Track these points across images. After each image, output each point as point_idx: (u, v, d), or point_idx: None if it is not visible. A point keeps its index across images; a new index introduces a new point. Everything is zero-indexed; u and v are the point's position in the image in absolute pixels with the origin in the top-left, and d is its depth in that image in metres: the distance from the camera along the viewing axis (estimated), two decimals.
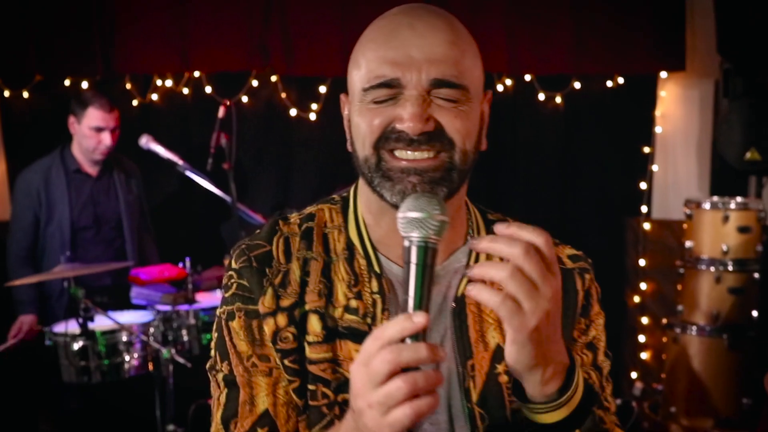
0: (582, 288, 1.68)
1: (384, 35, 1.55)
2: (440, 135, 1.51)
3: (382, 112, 1.52)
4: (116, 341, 4.33)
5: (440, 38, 1.52)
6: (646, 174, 5.94)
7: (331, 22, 5.62)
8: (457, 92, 1.51)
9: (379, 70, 1.52)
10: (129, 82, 5.85)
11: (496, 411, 1.57)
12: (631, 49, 5.68)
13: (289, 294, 1.60)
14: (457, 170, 1.53)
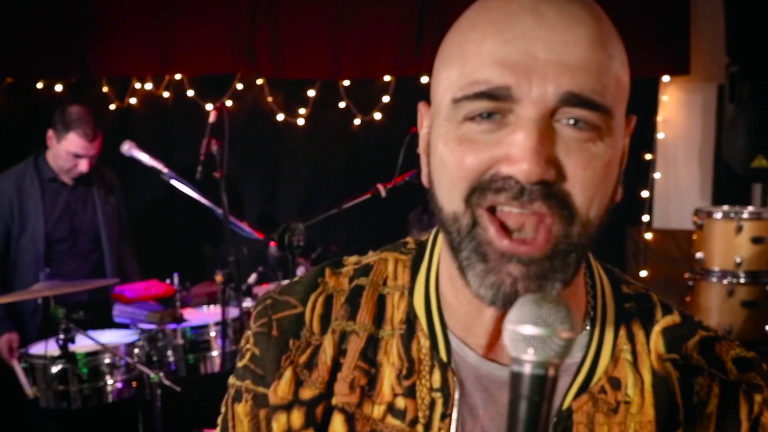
0: (748, 416, 1.17)
1: (494, 23, 1.05)
2: (560, 193, 1.03)
3: (481, 146, 1.04)
4: (98, 363, 4.12)
5: (581, 33, 1.04)
6: (648, 182, 5.81)
7: (321, 24, 5.61)
8: (597, 117, 1.04)
9: (481, 72, 1.03)
10: (106, 86, 5.86)
11: None
12: (633, 52, 5.28)
13: (314, 381, 1.19)
14: (577, 250, 1.06)
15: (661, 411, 1.13)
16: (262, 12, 5.58)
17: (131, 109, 5.85)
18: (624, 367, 1.16)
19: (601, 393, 1.13)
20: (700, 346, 1.19)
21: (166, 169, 4.54)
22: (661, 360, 1.17)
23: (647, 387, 1.15)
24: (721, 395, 1.15)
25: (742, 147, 5.14)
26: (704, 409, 1.15)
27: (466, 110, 1.04)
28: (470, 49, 1.06)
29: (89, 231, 4.84)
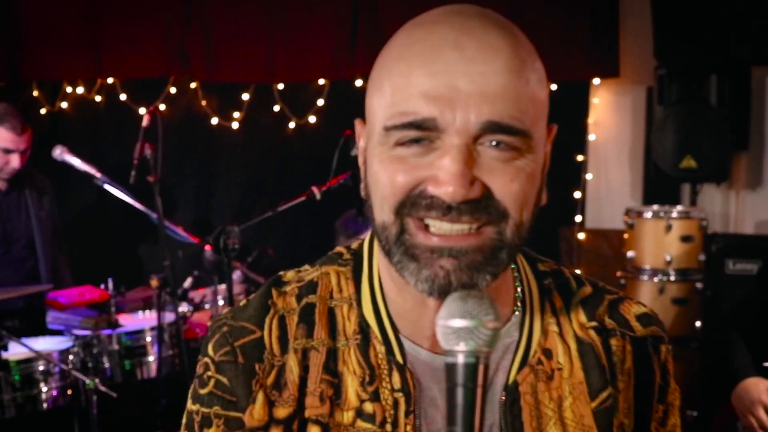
0: (658, 366, 1.34)
1: (419, 54, 1.14)
2: (488, 204, 1.13)
3: (409, 167, 1.14)
4: (32, 371, 4.09)
5: (499, 64, 1.13)
6: (580, 183, 5.93)
7: (255, 27, 5.68)
8: (517, 140, 1.13)
9: (409, 104, 1.13)
10: (36, 89, 5.91)
11: None
12: (564, 55, 5.66)
13: (286, 400, 1.25)
14: (507, 248, 1.15)
15: (589, 373, 1.28)
16: (195, 15, 5.63)
17: (62, 114, 5.89)
18: (553, 339, 1.29)
19: (539, 364, 1.26)
20: (609, 310, 1.33)
21: (98, 173, 4.53)
22: (584, 328, 1.31)
23: (574, 353, 1.28)
24: (634, 351, 1.30)
25: (670, 148, 5.28)
26: (623, 366, 1.30)
27: (396, 137, 1.13)
28: (398, 81, 1.14)
29: (23, 237, 4.80)
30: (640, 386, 1.29)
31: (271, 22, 5.61)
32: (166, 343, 4.38)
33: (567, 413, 1.26)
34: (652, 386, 1.32)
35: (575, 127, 5.93)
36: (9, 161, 4.56)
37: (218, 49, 5.65)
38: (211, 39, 5.65)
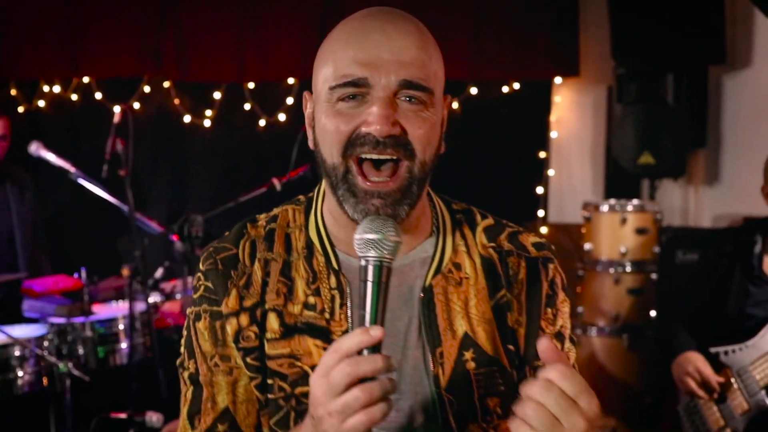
0: (546, 278, 1.73)
1: (354, 36, 1.57)
2: (404, 142, 1.55)
3: (349, 117, 1.55)
4: (8, 356, 4.23)
5: (409, 41, 1.56)
6: (543, 179, 6.11)
7: (226, 29, 5.77)
8: (423, 95, 1.55)
9: (347, 69, 1.54)
10: (14, 88, 5.96)
11: (464, 397, 1.62)
12: (526, 55, 5.85)
13: (252, 294, 1.66)
14: (417, 182, 1.57)
15: (489, 280, 1.70)
16: (168, 16, 5.71)
17: (40, 112, 5.95)
18: (461, 255, 1.71)
19: (449, 273, 1.68)
20: (509, 238, 1.75)
21: (73, 168, 4.67)
22: (485, 248, 1.73)
23: (478, 266, 1.70)
24: (527, 267, 1.72)
25: (629, 145, 5.42)
26: (517, 276, 1.71)
27: (338, 94, 1.55)
28: (340, 54, 1.56)
29: (4, 232, 4.99)
30: (530, 292, 1.70)
31: (241, 24, 5.71)
32: (138, 331, 4.50)
33: (472, 310, 1.67)
34: (540, 293, 1.71)
35: (538, 125, 6.12)
36: None
37: (190, 50, 5.73)
38: (184, 40, 5.73)
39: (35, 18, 5.71)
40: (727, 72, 5.46)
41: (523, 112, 6.07)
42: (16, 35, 5.70)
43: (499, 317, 1.67)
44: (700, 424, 3.68)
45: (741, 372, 3.50)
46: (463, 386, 1.62)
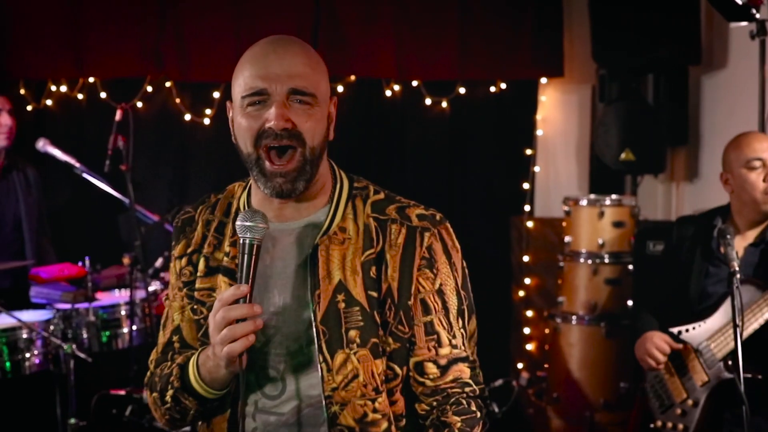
0: (421, 244, 2.14)
1: (256, 58, 2.07)
2: (296, 133, 2.04)
3: (256, 117, 2.04)
4: (17, 339, 4.39)
5: (297, 60, 2.05)
6: (529, 175, 6.28)
7: (224, 30, 5.89)
8: (308, 98, 2.05)
9: (252, 82, 2.03)
10: (23, 88, 6.03)
11: (334, 329, 2.10)
12: (513, 56, 6.04)
13: (193, 244, 2.23)
14: (309, 163, 2.08)
15: (366, 241, 2.13)
16: (169, 20, 5.83)
17: (47, 110, 6.04)
18: (348, 222, 2.16)
19: (335, 235, 2.14)
20: (396, 210, 2.17)
21: (78, 163, 4.86)
22: (368, 217, 2.16)
23: (360, 230, 2.14)
24: (406, 234, 2.13)
25: (611, 142, 5.60)
26: (396, 241, 2.13)
27: (247, 101, 2.05)
28: (246, 72, 2.06)
29: (11, 221, 5.14)
30: (405, 255, 2.13)
31: (238, 27, 5.83)
32: (139, 317, 4.68)
33: (348, 264, 2.12)
34: (413, 256, 2.13)
35: (524, 123, 6.29)
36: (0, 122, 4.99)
37: (190, 51, 5.86)
38: (184, 41, 5.85)
39: (43, 22, 5.82)
40: (706, 72, 5.65)
41: (509, 111, 6.25)
42: (25, 38, 5.79)
43: (365, 270, 2.12)
44: (665, 398, 3.91)
45: (700, 347, 3.73)
46: (333, 320, 2.10)
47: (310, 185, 2.11)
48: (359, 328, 2.08)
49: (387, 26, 5.94)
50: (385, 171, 6.21)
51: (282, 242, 2.16)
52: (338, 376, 2.09)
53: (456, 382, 2.13)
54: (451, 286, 2.16)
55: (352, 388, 2.09)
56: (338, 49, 5.93)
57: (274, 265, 2.15)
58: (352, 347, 2.08)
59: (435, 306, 2.14)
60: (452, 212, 6.07)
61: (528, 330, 6.19)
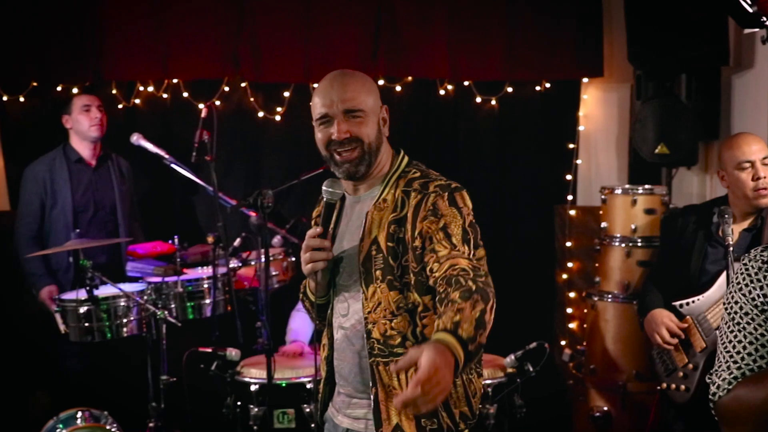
0: (427, 201, 2.78)
1: (321, 90, 2.85)
2: (353, 138, 2.83)
3: (325, 131, 2.84)
4: (116, 306, 4.95)
5: (345, 88, 2.82)
6: (571, 167, 6.64)
7: (294, 35, 6.28)
8: (358, 113, 2.82)
9: (320, 110, 2.84)
10: (115, 88, 6.46)
11: (368, 269, 2.84)
12: (556, 58, 6.40)
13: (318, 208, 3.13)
14: (368, 153, 2.85)
15: (394, 207, 2.84)
16: (245, 26, 6.21)
17: (136, 109, 6.44)
18: (389, 194, 2.88)
19: (379, 204, 2.87)
20: (421, 183, 2.84)
21: (167, 155, 5.39)
22: (401, 189, 2.86)
23: (393, 200, 2.86)
24: (420, 198, 2.80)
25: (647, 137, 5.98)
26: (411, 204, 2.80)
27: (318, 122, 2.86)
28: (316, 101, 2.85)
29: (107, 205, 5.75)
30: (415, 212, 2.78)
31: (307, 32, 6.19)
32: (220, 290, 5.12)
33: (381, 223, 2.83)
34: (419, 211, 2.77)
35: (567, 120, 6.63)
36: (92, 116, 5.61)
37: (264, 54, 6.21)
38: (258, 46, 6.20)
39: (132, 29, 6.21)
40: (735, 72, 5.95)
41: (554, 108, 6.58)
42: (116, 44, 6.18)
43: (389, 228, 2.81)
44: (669, 363, 4.45)
45: (699, 318, 4.26)
46: (368, 263, 2.84)
47: (371, 169, 2.89)
48: (381, 269, 2.81)
49: (441, 31, 6.29)
50: (440, 163, 6.34)
51: (354, 209, 2.98)
52: (370, 303, 2.84)
53: (453, 268, 2.60)
54: (456, 224, 2.74)
55: (378, 312, 2.83)
56: (397, 53, 6.31)
57: (348, 225, 2.97)
58: (377, 282, 2.82)
59: (437, 236, 2.71)
60: (501, 202, 6.60)
61: (570, 310, 6.57)
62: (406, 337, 2.81)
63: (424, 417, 2.80)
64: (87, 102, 5.69)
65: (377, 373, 2.84)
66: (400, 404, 2.20)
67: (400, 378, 2.80)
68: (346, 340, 2.95)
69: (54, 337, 5.26)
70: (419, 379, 2.19)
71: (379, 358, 2.83)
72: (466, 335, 2.39)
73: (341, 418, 3.02)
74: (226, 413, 4.96)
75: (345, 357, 2.96)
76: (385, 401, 2.83)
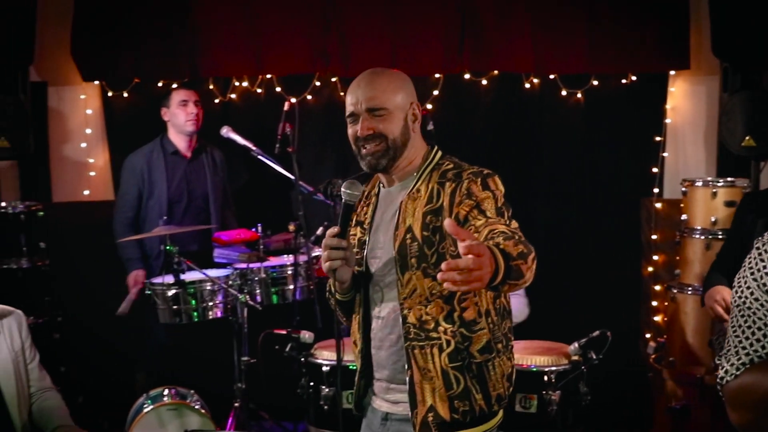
0: (461, 187, 2.91)
1: (350, 89, 3.03)
2: (377, 134, 2.97)
3: (353, 128, 3.01)
4: (203, 290, 5.22)
5: (370, 87, 2.99)
6: (658, 160, 6.62)
7: (381, 31, 6.48)
8: (381, 111, 2.97)
9: (348, 107, 3.02)
10: (212, 84, 6.78)
11: (404, 257, 2.95)
12: (641, 51, 6.39)
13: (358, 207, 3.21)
14: (392, 148, 2.99)
15: (428, 199, 2.95)
16: (334, 22, 6.42)
17: (231, 103, 6.73)
18: (423, 186, 3.00)
19: (413, 194, 3.00)
20: (454, 174, 2.97)
21: (254, 147, 5.63)
22: (434, 182, 2.98)
23: (427, 191, 2.97)
24: (453, 185, 2.93)
25: (735, 130, 5.96)
26: (447, 191, 2.93)
27: (348, 119, 3.04)
28: (347, 99, 3.04)
29: (200, 196, 6.07)
30: (451, 197, 2.92)
31: (393, 29, 6.36)
32: (302, 276, 5.31)
33: (415, 213, 2.95)
34: (454, 196, 2.91)
35: (654, 112, 6.60)
36: (189, 111, 5.90)
37: (352, 51, 6.39)
38: (346, 42, 6.39)
39: (228, 28, 6.51)
40: None
41: (640, 101, 6.57)
42: (213, 42, 6.49)
43: (424, 217, 2.93)
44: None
45: None
46: (403, 251, 2.95)
47: (397, 163, 3.03)
48: (416, 256, 2.92)
49: (524, 26, 6.37)
50: (524, 157, 6.68)
51: (387, 200, 3.10)
52: (406, 289, 2.96)
53: (492, 232, 2.72)
54: (489, 203, 2.88)
55: (414, 298, 2.94)
56: (481, 48, 6.42)
57: (383, 215, 3.09)
58: (412, 270, 2.93)
59: (472, 214, 2.86)
60: (586, 194, 6.64)
61: (655, 303, 6.56)
62: (438, 323, 2.93)
63: (458, 399, 2.94)
64: (185, 97, 6.01)
65: (413, 356, 2.95)
66: (446, 266, 2.31)
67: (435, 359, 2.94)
68: (383, 329, 3.06)
69: (149, 320, 5.61)
70: (470, 246, 2.32)
71: (415, 342, 2.94)
72: (508, 251, 2.54)
73: (380, 402, 3.15)
74: (300, 393, 5.18)
75: (382, 345, 3.07)
76: (420, 383, 2.95)
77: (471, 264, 2.31)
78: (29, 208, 5.95)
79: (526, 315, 5.49)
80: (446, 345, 2.94)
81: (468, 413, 2.96)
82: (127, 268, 5.97)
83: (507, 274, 2.49)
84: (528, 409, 4.75)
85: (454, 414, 2.94)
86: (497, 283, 2.49)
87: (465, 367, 2.95)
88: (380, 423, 3.13)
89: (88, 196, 6.97)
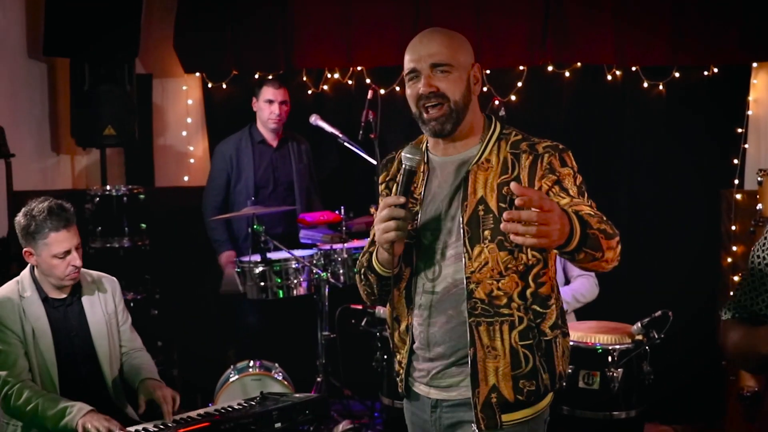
0: (542, 162, 2.83)
1: (411, 47, 2.88)
2: (440, 94, 2.82)
3: (414, 87, 2.86)
4: (288, 268, 5.54)
5: (433, 42, 2.84)
6: (739, 151, 6.66)
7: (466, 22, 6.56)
8: (445, 67, 2.82)
9: (408, 64, 2.87)
10: (305, 76, 7.05)
11: (474, 229, 2.82)
12: (723, 43, 6.43)
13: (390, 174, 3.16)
14: (455, 111, 2.84)
15: (503, 169, 2.84)
16: (421, 14, 6.62)
17: (324, 94, 6.98)
18: (492, 155, 2.88)
19: (482, 164, 2.86)
20: (528, 145, 2.88)
21: (340, 134, 5.90)
22: (506, 152, 2.88)
23: (500, 162, 2.86)
24: (532, 159, 2.84)
25: None
26: (525, 164, 2.84)
27: (408, 77, 2.89)
28: (406, 57, 2.88)
29: (285, 182, 6.36)
30: (530, 172, 2.82)
31: (479, 19, 6.50)
32: None
33: (488, 183, 2.83)
34: (535, 170, 2.81)
35: (736, 104, 6.63)
36: (272, 110, 6.15)
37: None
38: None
39: (321, 23, 6.76)
40: None
41: (721, 93, 6.60)
42: (307, 36, 6.75)
43: (499, 189, 2.81)
44: None
45: None
46: (474, 223, 2.82)
47: (460, 128, 2.86)
48: (491, 228, 2.77)
49: (607, 18, 6.47)
50: (606, 148, 6.80)
51: (445, 170, 2.91)
52: (475, 263, 2.79)
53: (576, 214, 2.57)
54: (569, 180, 2.81)
55: (484, 272, 2.78)
56: (565, 40, 6.56)
57: (440, 186, 2.91)
58: (485, 242, 2.77)
59: (554, 190, 2.77)
60: (666, 185, 6.72)
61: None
62: (512, 298, 2.81)
63: (525, 378, 2.83)
64: (271, 97, 6.28)
65: (477, 333, 2.81)
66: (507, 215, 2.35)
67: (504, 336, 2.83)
68: (437, 305, 2.90)
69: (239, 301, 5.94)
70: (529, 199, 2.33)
71: (482, 317, 2.81)
72: (588, 221, 2.55)
73: (427, 389, 3.02)
74: (375, 366, 5.43)
75: (436, 322, 2.91)
76: (483, 361, 2.81)
77: (534, 217, 2.31)
78: (131, 191, 6.30)
79: (596, 294, 5.61)
80: (518, 322, 2.81)
81: (533, 393, 2.86)
82: (216, 250, 6.32)
83: (583, 241, 2.47)
84: (591, 385, 4.91)
85: (519, 395, 2.84)
86: (572, 249, 2.48)
87: (535, 345, 2.84)
88: (430, 411, 3.01)
89: (188, 182, 7.35)
